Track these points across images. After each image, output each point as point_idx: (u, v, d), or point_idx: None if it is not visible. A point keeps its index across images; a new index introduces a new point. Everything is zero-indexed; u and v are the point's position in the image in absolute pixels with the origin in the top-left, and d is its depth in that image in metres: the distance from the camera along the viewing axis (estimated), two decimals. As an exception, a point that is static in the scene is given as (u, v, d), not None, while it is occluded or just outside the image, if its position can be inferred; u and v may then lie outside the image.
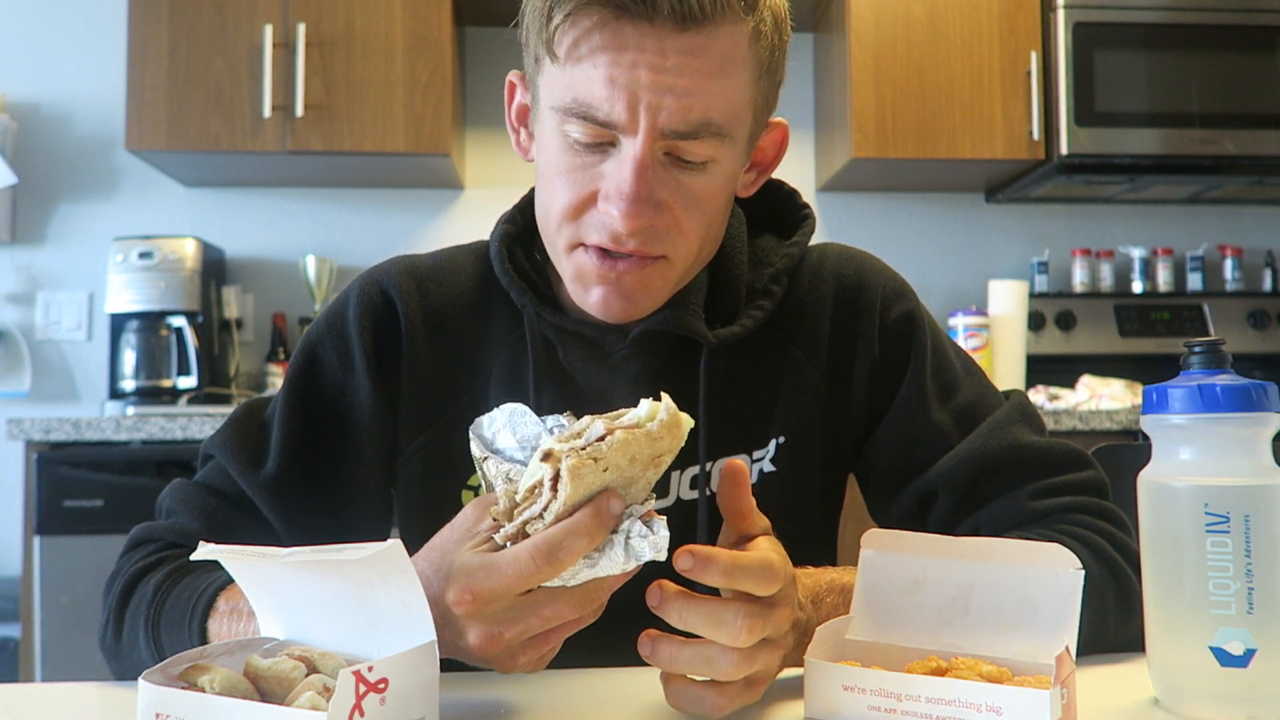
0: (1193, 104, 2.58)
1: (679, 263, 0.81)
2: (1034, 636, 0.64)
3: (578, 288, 0.82)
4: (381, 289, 0.92)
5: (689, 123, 0.74)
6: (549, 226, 0.82)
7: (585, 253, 0.79)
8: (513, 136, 0.88)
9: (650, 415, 0.59)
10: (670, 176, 0.77)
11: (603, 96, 0.73)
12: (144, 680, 0.54)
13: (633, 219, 0.75)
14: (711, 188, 0.79)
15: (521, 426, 0.66)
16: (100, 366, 2.74)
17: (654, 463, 0.60)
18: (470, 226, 2.87)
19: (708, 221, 0.81)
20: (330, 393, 0.90)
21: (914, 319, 0.94)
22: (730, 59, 0.75)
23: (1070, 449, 0.90)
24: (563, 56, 0.75)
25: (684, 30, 0.72)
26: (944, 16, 2.62)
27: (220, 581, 0.75)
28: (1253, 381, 0.63)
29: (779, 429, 0.91)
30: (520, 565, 0.57)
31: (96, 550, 2.11)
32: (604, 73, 0.73)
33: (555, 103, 0.76)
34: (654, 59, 0.72)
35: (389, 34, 2.53)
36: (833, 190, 2.97)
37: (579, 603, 0.60)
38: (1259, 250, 3.03)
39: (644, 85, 0.72)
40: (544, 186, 0.81)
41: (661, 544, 0.58)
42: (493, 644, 0.60)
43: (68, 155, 2.83)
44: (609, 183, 0.76)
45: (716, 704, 0.62)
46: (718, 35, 0.74)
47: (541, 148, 0.81)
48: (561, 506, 0.57)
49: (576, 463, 0.56)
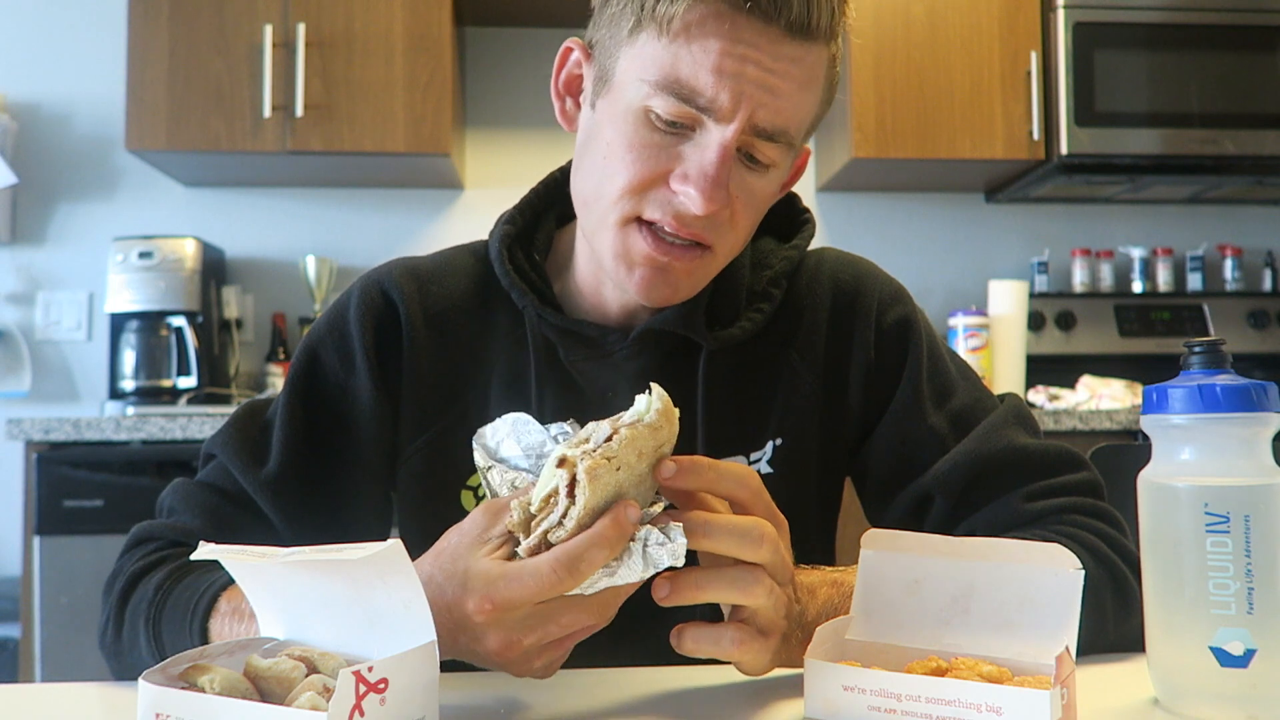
0: (1193, 104, 2.58)
1: (722, 257, 0.83)
2: (1034, 636, 0.64)
3: (620, 266, 0.82)
4: (382, 290, 0.92)
5: (775, 125, 0.77)
6: (601, 199, 0.81)
7: (639, 230, 0.80)
8: (557, 104, 0.88)
9: (647, 407, 0.59)
10: (737, 172, 0.79)
11: (709, 82, 0.74)
12: (144, 680, 0.54)
13: (712, 202, 0.76)
14: (766, 191, 0.82)
15: (526, 435, 0.66)
16: (100, 366, 2.74)
17: (657, 454, 0.61)
18: (470, 226, 2.87)
19: (754, 222, 0.83)
20: (331, 393, 0.90)
21: (910, 323, 0.94)
22: (815, 76, 0.79)
23: (1065, 450, 0.90)
24: (673, 34, 0.75)
25: (792, 39, 0.75)
26: (944, 16, 2.62)
27: (222, 581, 0.75)
28: (1253, 381, 0.63)
29: (776, 432, 0.91)
30: (542, 577, 0.58)
31: (96, 550, 2.11)
32: (714, 60, 0.74)
33: (649, 75, 0.76)
34: (764, 58, 0.75)
35: (389, 34, 2.53)
36: (833, 190, 2.97)
37: (596, 610, 0.60)
38: (1259, 250, 3.03)
39: (750, 80, 0.74)
40: (602, 158, 0.80)
41: (679, 551, 0.58)
42: (510, 650, 0.61)
43: (68, 155, 2.83)
44: (690, 164, 0.76)
45: (735, 637, 0.63)
46: (813, 50, 0.77)
47: (607, 119, 0.80)
48: (581, 511, 0.57)
49: (592, 464, 0.57)
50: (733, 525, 0.61)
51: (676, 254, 0.79)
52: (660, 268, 0.80)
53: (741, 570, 0.62)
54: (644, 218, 0.79)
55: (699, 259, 0.81)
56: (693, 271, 0.81)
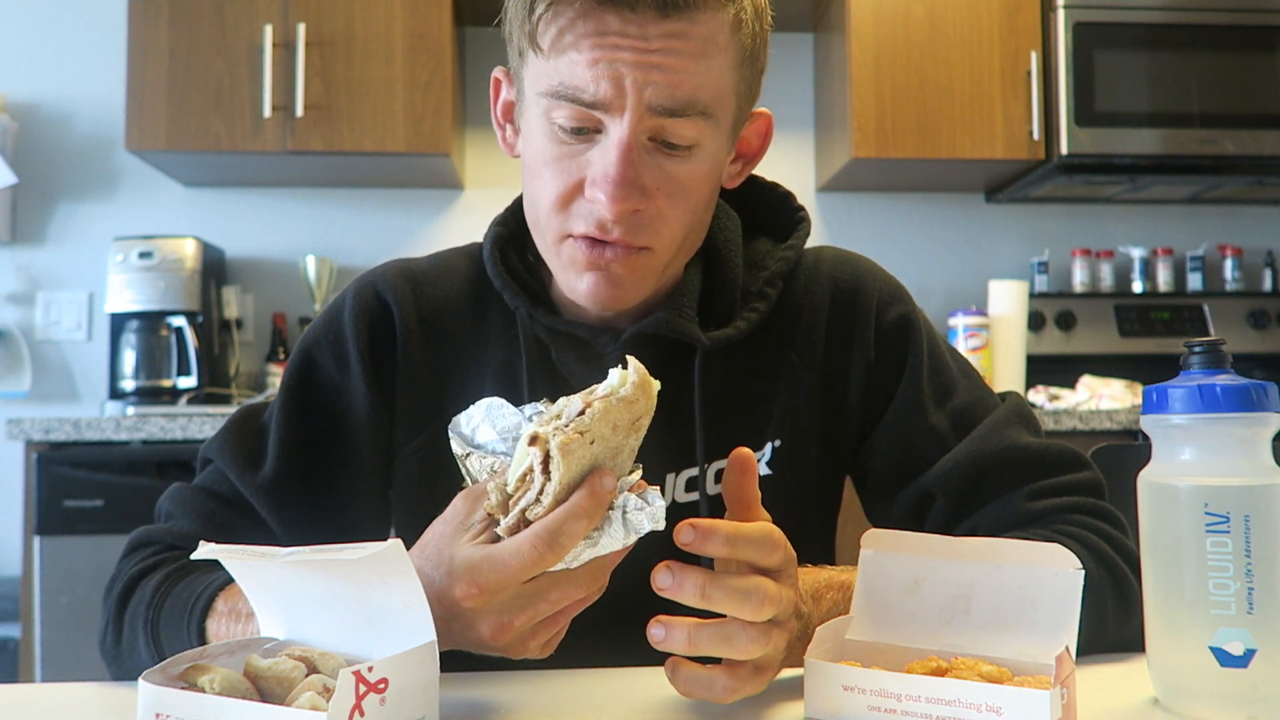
0: (1193, 104, 2.58)
1: (662, 253, 0.81)
2: (1034, 636, 0.64)
3: (569, 276, 0.82)
4: (377, 292, 0.92)
5: (676, 99, 0.75)
6: (538, 219, 0.82)
7: (574, 243, 0.80)
8: (499, 133, 0.88)
9: (622, 381, 0.59)
10: (655, 163, 0.77)
11: (588, 78, 0.74)
12: (144, 680, 0.54)
13: (618, 202, 0.75)
14: (695, 174, 0.80)
15: (500, 419, 0.66)
16: (100, 366, 2.74)
17: (634, 427, 0.61)
18: (470, 227, 2.86)
19: (691, 210, 0.81)
20: (327, 395, 0.90)
21: (910, 322, 0.94)
22: (712, 42, 0.76)
23: (1067, 450, 0.90)
24: (546, 48, 0.76)
25: (666, 17, 0.74)
26: (944, 16, 2.62)
27: (219, 582, 0.75)
28: (1253, 381, 0.63)
29: (775, 432, 0.91)
30: (524, 555, 0.58)
31: (96, 550, 2.11)
32: (588, 56, 0.74)
33: (542, 89, 0.77)
34: (637, 42, 0.73)
35: (389, 34, 2.53)
36: (833, 190, 2.97)
37: (584, 582, 0.61)
38: (1259, 250, 3.03)
39: (629, 64, 0.73)
40: (531, 179, 0.81)
41: (659, 514, 0.59)
42: (504, 633, 0.61)
43: (68, 155, 2.83)
44: (595, 168, 0.76)
45: (729, 686, 0.62)
46: (698, 21, 0.75)
47: (528, 140, 0.81)
48: (558, 487, 0.58)
49: (565, 439, 0.57)
50: (746, 533, 0.61)
51: (611, 255, 0.79)
52: (601, 271, 0.80)
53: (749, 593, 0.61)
54: (573, 233, 0.79)
55: (637, 258, 0.80)
56: (634, 271, 0.81)
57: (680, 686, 0.63)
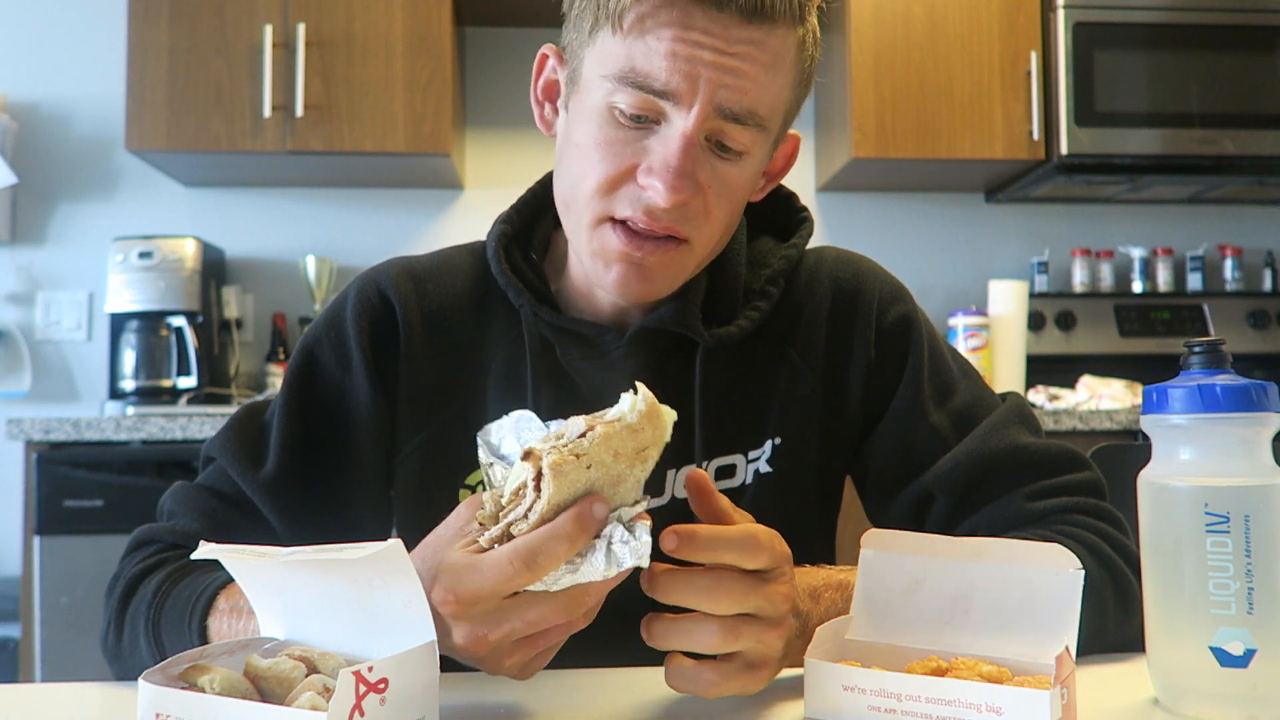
0: (1193, 104, 2.58)
1: (699, 249, 0.82)
2: (1034, 636, 0.64)
3: (597, 264, 0.82)
4: (379, 289, 0.92)
5: (742, 105, 0.76)
6: (576, 199, 0.81)
7: (612, 229, 0.80)
8: (536, 110, 0.88)
9: (631, 408, 0.58)
10: (708, 161, 0.78)
11: (663, 67, 0.74)
12: (144, 680, 0.54)
13: (676, 192, 0.76)
14: (741, 179, 0.81)
15: (526, 433, 0.66)
16: (100, 366, 2.74)
17: (639, 457, 0.59)
18: (470, 226, 2.87)
19: (733, 212, 0.83)
20: (329, 393, 0.90)
21: (910, 322, 0.94)
22: (781, 57, 0.78)
23: (1067, 450, 0.90)
24: (626, 28, 0.76)
25: (748, 23, 0.75)
26: (944, 16, 2.62)
27: (220, 580, 0.75)
28: (1253, 381, 0.63)
29: (775, 431, 0.91)
30: (500, 569, 0.57)
31: (96, 550, 2.11)
32: (667, 46, 0.74)
33: (609, 71, 0.77)
34: (719, 43, 0.75)
35: (389, 34, 2.53)
36: (833, 190, 2.97)
37: (564, 608, 0.59)
38: (1259, 250, 3.03)
39: (706, 63, 0.75)
40: (576, 159, 0.81)
41: (643, 550, 0.57)
42: (478, 645, 0.60)
43: (68, 155, 2.83)
44: (654, 156, 0.77)
45: (710, 680, 0.62)
46: (775, 34, 0.77)
47: (578, 120, 0.81)
48: (545, 506, 0.57)
49: (558, 459, 0.56)
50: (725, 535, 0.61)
51: (650, 248, 0.79)
52: (635, 263, 0.80)
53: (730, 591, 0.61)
54: (616, 216, 0.79)
55: (674, 252, 0.80)
56: (668, 265, 0.81)
57: (670, 680, 0.63)
